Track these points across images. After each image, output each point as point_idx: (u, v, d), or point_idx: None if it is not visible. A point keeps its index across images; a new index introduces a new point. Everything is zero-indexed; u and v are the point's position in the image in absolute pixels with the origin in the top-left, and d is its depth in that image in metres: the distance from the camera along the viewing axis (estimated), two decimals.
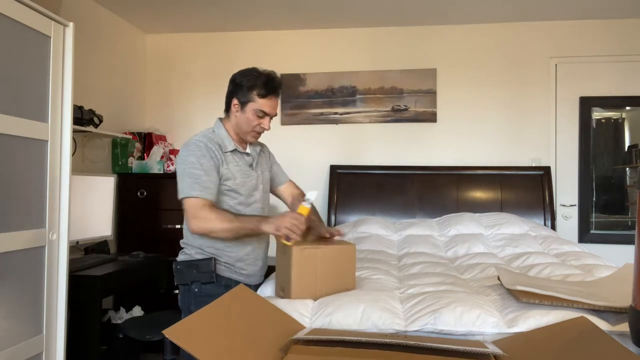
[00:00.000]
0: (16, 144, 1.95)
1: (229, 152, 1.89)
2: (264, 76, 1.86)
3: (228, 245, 1.87)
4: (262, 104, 1.86)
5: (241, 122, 1.89)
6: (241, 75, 1.88)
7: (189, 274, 1.87)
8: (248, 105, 1.86)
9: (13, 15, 1.91)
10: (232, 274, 1.90)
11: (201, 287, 1.86)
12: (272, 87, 1.87)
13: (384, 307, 1.50)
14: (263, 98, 1.86)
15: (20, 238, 1.97)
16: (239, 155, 1.93)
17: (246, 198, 1.91)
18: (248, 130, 1.90)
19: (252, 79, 1.85)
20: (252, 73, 1.87)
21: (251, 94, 1.85)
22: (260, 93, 1.85)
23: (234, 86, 1.89)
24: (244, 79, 1.86)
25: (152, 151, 3.70)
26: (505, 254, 2.58)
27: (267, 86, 1.85)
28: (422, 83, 3.86)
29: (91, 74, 3.38)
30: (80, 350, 2.54)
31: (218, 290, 1.82)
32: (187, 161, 1.80)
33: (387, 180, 3.73)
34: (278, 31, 4.01)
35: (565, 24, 3.77)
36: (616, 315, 1.37)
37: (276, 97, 1.90)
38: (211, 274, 1.85)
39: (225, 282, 1.87)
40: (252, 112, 1.87)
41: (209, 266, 1.84)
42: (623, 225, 3.78)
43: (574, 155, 3.76)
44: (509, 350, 1.19)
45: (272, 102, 1.89)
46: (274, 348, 1.21)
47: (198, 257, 1.87)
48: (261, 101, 1.86)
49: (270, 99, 1.88)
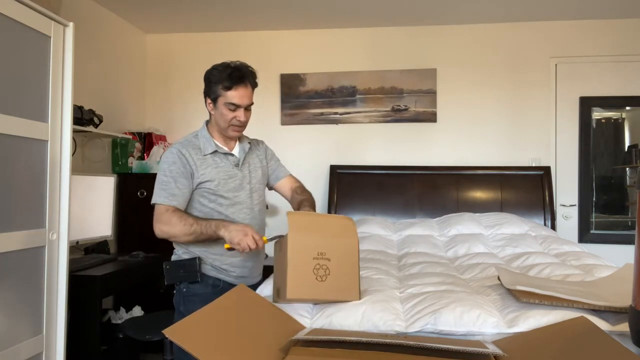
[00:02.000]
0: (16, 144, 1.95)
1: (208, 154, 1.88)
2: (230, 68, 1.84)
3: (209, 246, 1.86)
4: (231, 96, 1.83)
5: (217, 118, 1.89)
6: (210, 72, 1.87)
7: (176, 274, 1.88)
8: (218, 100, 1.85)
9: (13, 15, 1.91)
10: (219, 274, 1.89)
11: (189, 286, 1.88)
12: (237, 76, 1.83)
13: (384, 307, 1.50)
14: (229, 90, 1.83)
15: (20, 238, 1.97)
16: (221, 156, 1.91)
17: (229, 199, 1.89)
18: (225, 126, 1.88)
19: (217, 73, 1.84)
20: (217, 68, 1.86)
21: (218, 88, 1.83)
22: (225, 85, 1.82)
23: (206, 84, 1.89)
24: (211, 75, 1.86)
25: (152, 151, 3.70)
26: (505, 254, 2.58)
27: (232, 77, 1.82)
28: (422, 83, 3.86)
29: (91, 73, 3.38)
30: (80, 350, 2.54)
31: (205, 289, 1.84)
32: (161, 169, 1.86)
33: (387, 180, 3.73)
34: (278, 31, 4.01)
35: (565, 24, 3.77)
36: (616, 315, 1.37)
37: (244, 87, 1.84)
38: (196, 274, 1.85)
39: (212, 281, 1.87)
40: (223, 106, 1.85)
41: (194, 266, 1.85)
42: (623, 225, 3.78)
43: (574, 155, 3.76)
44: (509, 350, 1.19)
45: (240, 92, 1.84)
46: (274, 348, 1.21)
47: (185, 257, 1.88)
48: (229, 93, 1.83)
49: (237, 89, 1.83)
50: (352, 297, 1.52)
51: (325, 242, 1.50)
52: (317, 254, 1.49)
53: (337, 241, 1.52)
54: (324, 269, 1.49)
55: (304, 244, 1.49)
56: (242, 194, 1.93)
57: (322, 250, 1.49)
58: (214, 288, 1.85)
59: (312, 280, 1.47)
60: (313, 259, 1.48)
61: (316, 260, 1.48)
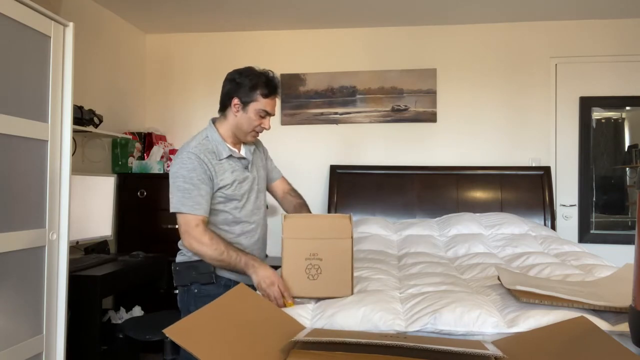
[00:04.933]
0: (16, 144, 1.95)
1: (224, 159, 1.87)
2: (264, 76, 1.86)
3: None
4: (265, 104, 1.86)
5: (242, 122, 1.88)
6: (241, 75, 1.86)
7: (188, 275, 1.86)
8: (250, 105, 1.85)
9: (13, 15, 1.91)
10: (231, 274, 1.89)
11: (200, 287, 1.86)
12: (274, 85, 1.87)
13: (385, 307, 1.50)
14: (266, 98, 1.85)
15: (20, 238, 1.97)
16: (235, 160, 1.91)
17: (242, 202, 1.91)
18: (248, 131, 1.89)
19: (254, 77, 1.84)
20: (252, 72, 1.86)
21: (254, 93, 1.84)
22: (264, 92, 1.84)
23: (234, 85, 1.86)
24: (245, 78, 1.85)
25: (152, 151, 3.70)
26: (505, 254, 2.58)
27: (270, 85, 1.85)
28: (422, 83, 3.86)
29: (91, 74, 3.38)
30: (80, 350, 2.54)
31: (218, 290, 1.82)
32: (178, 174, 1.79)
33: (387, 180, 3.73)
34: (278, 31, 4.01)
35: (565, 24, 3.77)
36: (616, 315, 1.37)
37: (277, 97, 1.90)
38: (211, 275, 1.84)
39: (224, 282, 1.87)
40: (254, 111, 1.85)
41: (208, 267, 1.84)
42: (623, 225, 3.78)
43: (574, 155, 3.76)
44: (508, 350, 1.19)
45: (274, 101, 1.89)
46: (274, 348, 1.21)
47: (196, 259, 1.86)
48: (264, 101, 1.85)
49: (273, 98, 1.88)
50: (344, 293, 1.61)
51: (317, 243, 1.62)
52: (310, 255, 1.62)
53: (329, 242, 1.63)
54: (315, 268, 1.61)
55: (297, 246, 1.62)
56: (252, 195, 1.95)
57: (314, 251, 1.62)
58: (226, 288, 1.84)
59: (304, 279, 1.61)
60: (305, 259, 1.62)
61: (308, 261, 1.61)
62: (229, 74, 1.91)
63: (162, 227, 3.51)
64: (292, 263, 1.61)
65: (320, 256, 1.61)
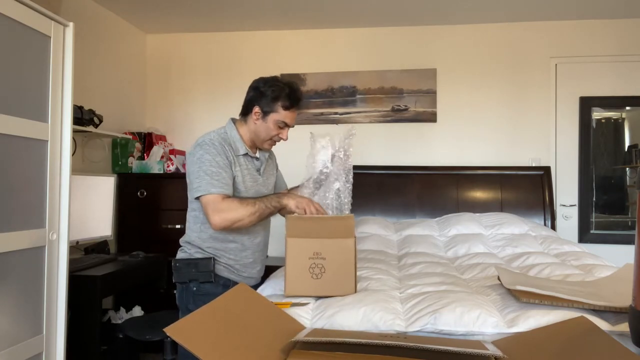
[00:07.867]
0: (16, 144, 1.95)
1: (240, 155, 1.90)
2: (288, 87, 1.87)
3: (226, 248, 1.90)
4: (285, 116, 1.88)
5: (260, 130, 1.90)
6: (265, 84, 1.88)
7: (187, 272, 1.88)
8: (270, 115, 1.87)
9: (13, 15, 1.91)
10: (231, 274, 1.92)
11: (199, 285, 1.87)
12: (296, 99, 1.88)
13: (385, 307, 1.50)
14: (287, 110, 1.87)
15: (20, 238, 1.97)
16: (249, 159, 1.94)
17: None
18: (266, 139, 1.92)
19: (277, 89, 1.85)
20: (276, 83, 1.87)
21: (275, 104, 1.86)
22: (285, 105, 1.86)
23: (258, 94, 1.88)
24: (269, 88, 1.86)
25: (152, 151, 3.70)
26: (505, 254, 2.58)
27: (292, 98, 1.87)
28: (422, 83, 3.86)
29: (91, 74, 3.38)
30: (80, 350, 2.54)
31: (216, 289, 1.84)
32: (203, 159, 1.80)
33: (387, 180, 3.72)
34: (278, 31, 4.01)
35: (565, 24, 3.77)
36: (616, 315, 1.37)
37: (297, 109, 1.92)
38: (210, 274, 1.86)
39: (223, 281, 1.88)
40: (273, 122, 1.88)
41: (208, 266, 1.86)
42: (623, 225, 3.78)
43: (574, 155, 3.76)
44: (508, 350, 1.19)
45: (294, 114, 1.91)
46: (274, 348, 1.21)
47: (197, 257, 1.88)
48: (284, 113, 1.88)
49: (293, 111, 1.90)
50: (347, 292, 1.63)
51: (321, 243, 1.64)
52: (313, 254, 1.64)
53: (333, 241, 1.65)
54: (319, 267, 1.63)
55: (301, 246, 1.64)
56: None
57: (318, 250, 1.64)
58: (224, 288, 1.86)
59: (308, 278, 1.63)
60: (309, 258, 1.63)
61: (312, 260, 1.63)
62: (254, 81, 1.92)
63: (162, 227, 3.51)
64: (296, 262, 1.63)
65: (323, 255, 1.63)
